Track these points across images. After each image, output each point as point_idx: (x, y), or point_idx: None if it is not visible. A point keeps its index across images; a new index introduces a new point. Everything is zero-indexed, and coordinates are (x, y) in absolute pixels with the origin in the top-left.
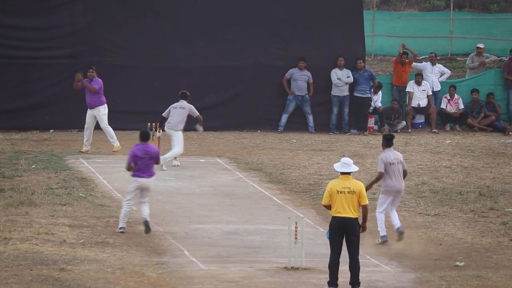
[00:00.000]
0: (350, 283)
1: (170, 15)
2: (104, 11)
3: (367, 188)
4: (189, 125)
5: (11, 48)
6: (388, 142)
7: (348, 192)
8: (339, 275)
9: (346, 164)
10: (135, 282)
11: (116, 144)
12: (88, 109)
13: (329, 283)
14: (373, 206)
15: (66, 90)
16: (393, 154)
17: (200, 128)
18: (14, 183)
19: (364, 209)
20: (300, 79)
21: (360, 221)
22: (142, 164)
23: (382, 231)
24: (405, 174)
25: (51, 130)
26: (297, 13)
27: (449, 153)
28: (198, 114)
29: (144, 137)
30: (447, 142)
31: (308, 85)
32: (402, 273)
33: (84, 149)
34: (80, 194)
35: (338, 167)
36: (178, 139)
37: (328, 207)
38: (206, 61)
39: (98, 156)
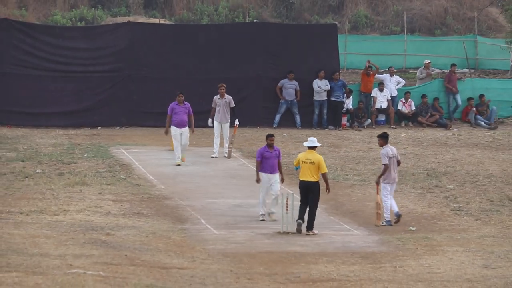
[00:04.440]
0: (306, 227)
1: (190, 38)
2: (139, 36)
3: (377, 183)
4: (203, 122)
5: (68, 65)
6: (386, 140)
7: (310, 163)
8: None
9: (311, 141)
10: (164, 243)
11: (179, 159)
12: (176, 128)
13: (298, 217)
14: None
15: (110, 96)
16: (391, 149)
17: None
18: (71, 168)
19: (324, 176)
20: (289, 87)
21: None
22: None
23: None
24: (399, 164)
25: (99, 127)
26: (288, 37)
27: (404, 143)
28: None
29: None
30: (402, 135)
31: (296, 92)
32: (368, 236)
33: (178, 161)
34: (121, 176)
35: (305, 143)
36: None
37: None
38: (217, 73)
39: (135, 147)
